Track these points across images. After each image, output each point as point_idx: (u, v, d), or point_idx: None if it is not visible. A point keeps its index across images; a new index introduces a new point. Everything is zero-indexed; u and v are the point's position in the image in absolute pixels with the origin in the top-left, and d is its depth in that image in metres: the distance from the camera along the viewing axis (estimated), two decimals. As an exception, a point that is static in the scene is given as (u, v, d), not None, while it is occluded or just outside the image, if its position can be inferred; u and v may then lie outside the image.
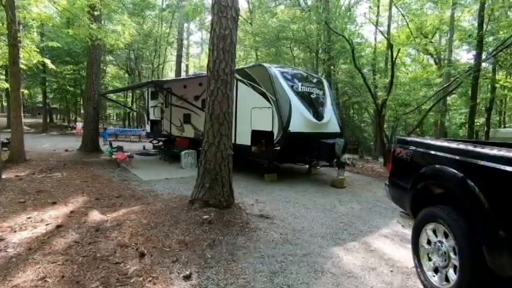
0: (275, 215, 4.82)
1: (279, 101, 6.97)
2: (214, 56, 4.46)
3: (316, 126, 7.44)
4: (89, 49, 10.52)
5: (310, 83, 7.98)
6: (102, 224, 4.00)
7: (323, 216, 4.94)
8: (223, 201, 4.42)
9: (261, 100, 7.35)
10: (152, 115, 13.32)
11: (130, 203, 5.05)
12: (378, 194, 6.72)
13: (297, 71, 8.17)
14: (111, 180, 6.93)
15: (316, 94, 7.90)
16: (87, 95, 10.63)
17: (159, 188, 6.31)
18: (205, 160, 4.47)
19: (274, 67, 7.62)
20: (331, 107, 8.24)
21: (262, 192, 6.39)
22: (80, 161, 9.28)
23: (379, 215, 5.19)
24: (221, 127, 4.46)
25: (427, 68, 22.47)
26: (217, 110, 4.45)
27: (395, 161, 3.65)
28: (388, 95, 10.64)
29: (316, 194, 6.42)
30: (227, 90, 4.49)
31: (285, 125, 6.84)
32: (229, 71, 4.50)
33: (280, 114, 6.89)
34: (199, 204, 4.32)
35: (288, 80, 7.44)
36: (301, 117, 7.14)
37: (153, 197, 5.50)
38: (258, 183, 7.26)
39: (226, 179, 4.51)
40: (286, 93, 7.16)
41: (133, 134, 16.93)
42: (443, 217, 2.66)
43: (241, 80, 8.00)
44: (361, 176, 9.09)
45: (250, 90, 7.69)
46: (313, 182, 7.60)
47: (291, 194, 6.28)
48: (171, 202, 4.96)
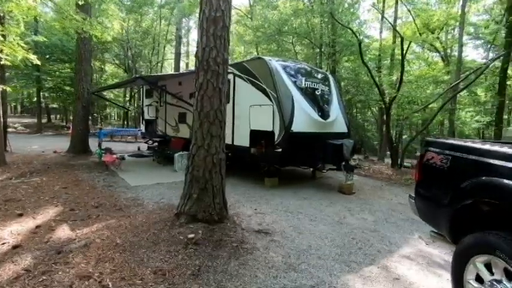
0: (276, 229, 4.12)
1: (280, 97, 6.27)
2: (204, 43, 3.77)
3: (322, 125, 6.73)
4: (77, 44, 9.86)
5: (315, 78, 7.27)
6: (67, 244, 3.32)
7: (332, 230, 4.23)
8: (214, 214, 3.73)
9: (260, 97, 6.65)
10: (147, 114, 12.66)
11: (108, 215, 4.37)
12: (391, 201, 6.00)
13: (300, 65, 7.46)
14: (95, 186, 6.26)
15: (321, 90, 7.20)
16: (76, 93, 9.96)
17: (146, 196, 5.63)
18: (192, 166, 3.78)
19: (275, 60, 6.91)
20: (337, 105, 7.52)
21: (262, 199, 5.70)
22: (66, 163, 8.61)
23: (396, 228, 4.48)
24: (211, 127, 3.76)
25: (432, 66, 21.71)
26: (207, 107, 3.75)
27: (425, 169, 2.94)
28: (397, 92, 9.90)
29: (323, 201, 5.72)
30: (219, 84, 3.79)
31: (287, 125, 6.14)
32: (222, 60, 3.80)
33: (281, 113, 6.19)
34: (185, 218, 3.63)
35: (290, 75, 6.74)
36: (304, 116, 6.44)
37: (137, 207, 4.81)
38: (257, 188, 6.57)
39: (217, 188, 3.82)
40: (288, 89, 6.46)
41: (129, 134, 16.26)
42: (505, 249, 1.95)
43: (239, 75, 7.30)
44: (369, 179, 8.37)
45: (249, 86, 6.99)
46: (318, 187, 6.89)
47: (293, 202, 5.58)
48: (155, 214, 4.27)
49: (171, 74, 9.83)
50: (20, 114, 45.50)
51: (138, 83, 9.77)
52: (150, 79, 8.38)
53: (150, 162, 9.90)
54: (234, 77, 7.43)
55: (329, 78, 7.90)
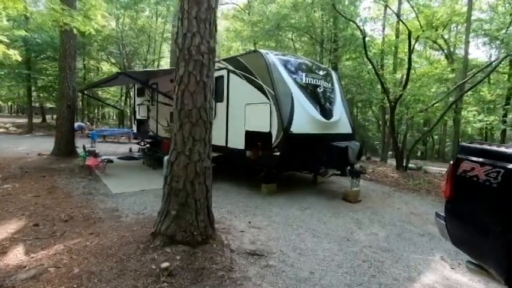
0: (272, 248, 3.49)
1: (278, 95, 5.63)
2: (185, 28, 3.13)
3: (324, 126, 6.09)
4: (61, 38, 9.20)
5: (317, 75, 6.63)
6: (13, 274, 2.68)
7: (338, 249, 3.60)
8: (197, 234, 3.09)
9: (256, 95, 6.01)
10: (138, 114, 12.02)
11: (76, 232, 3.73)
12: (403, 211, 5.36)
13: (300, 60, 6.82)
14: (71, 194, 5.61)
15: (324, 88, 6.56)
16: (60, 91, 9.31)
17: (127, 206, 4.98)
18: (171, 176, 3.15)
19: (273, 54, 6.26)
20: (341, 103, 6.88)
21: (258, 209, 5.06)
22: (46, 167, 7.96)
23: (413, 246, 3.85)
24: (194, 129, 3.13)
25: (435, 64, 21.08)
26: (189, 105, 3.12)
27: (461, 183, 2.30)
28: (403, 90, 9.27)
29: (326, 211, 5.08)
30: (203, 76, 3.15)
31: (286, 125, 5.50)
32: (207, 48, 3.16)
33: (279, 112, 5.54)
34: (161, 240, 2.99)
35: (289, 70, 6.10)
36: (305, 116, 5.80)
37: (113, 221, 4.17)
38: (253, 196, 5.93)
39: (201, 203, 3.18)
40: (287, 86, 5.82)
41: (123, 135, 15.62)
42: None
43: (233, 71, 6.66)
44: (375, 184, 7.73)
45: (244, 82, 6.35)
46: (321, 194, 6.25)
47: (293, 212, 4.94)
48: (130, 232, 3.62)
49: (157, 71, 9.21)
50: (16, 114, 44.89)
51: (123, 81, 9.07)
52: (134, 75, 7.72)
53: (140, 165, 9.26)
54: (228, 73, 6.79)
55: (332, 75, 7.26)
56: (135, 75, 7.93)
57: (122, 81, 8.90)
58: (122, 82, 10.58)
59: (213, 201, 5.52)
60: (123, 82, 10.45)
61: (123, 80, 8.22)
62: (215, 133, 7.43)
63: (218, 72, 7.14)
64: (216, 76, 7.41)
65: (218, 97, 7.14)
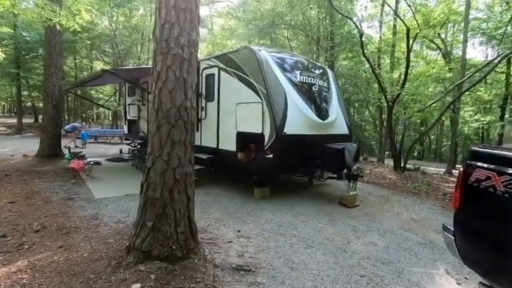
0: (261, 262, 3.17)
1: (270, 94, 5.31)
2: (162, 18, 2.80)
3: (320, 126, 5.79)
4: (46, 35, 8.81)
5: (312, 73, 6.33)
6: (-38, 298, 2.34)
7: (334, 262, 3.29)
8: (177, 248, 2.77)
9: (248, 93, 5.69)
10: (129, 114, 11.65)
11: (46, 245, 3.38)
12: (402, 216, 5.07)
13: (295, 57, 6.51)
14: (50, 199, 5.25)
15: (319, 86, 6.25)
16: (46, 90, 8.92)
17: (108, 212, 4.64)
18: (147, 184, 2.82)
19: (266, 51, 5.95)
20: (337, 103, 6.58)
21: (249, 216, 4.74)
22: (30, 169, 7.58)
23: (415, 258, 3.55)
24: (173, 130, 2.80)
25: (432, 64, 20.90)
26: (167, 104, 2.79)
27: (473, 193, 2.01)
28: (401, 89, 9.00)
29: (321, 218, 4.77)
30: (183, 72, 2.83)
31: (279, 126, 5.19)
32: (187, 41, 2.84)
33: (272, 112, 5.23)
34: (135, 257, 2.67)
35: (283, 68, 5.79)
36: (300, 116, 5.49)
37: (89, 231, 3.83)
38: (244, 200, 5.61)
39: (182, 213, 2.85)
40: (280, 84, 5.51)
41: (114, 135, 15.22)
42: None
43: (224, 69, 6.33)
44: (373, 186, 7.44)
45: (235, 81, 6.03)
46: (316, 199, 5.94)
47: (287, 219, 4.63)
48: (105, 244, 3.29)
49: (146, 68, 8.85)
50: (8, 113, 44.14)
51: (111, 79, 8.69)
52: (120, 73, 7.36)
53: (129, 167, 8.89)
54: (219, 70, 6.47)
55: (328, 73, 6.97)
56: (121, 74, 7.57)
57: (110, 79, 8.53)
58: (110, 81, 10.19)
59: (201, 207, 5.23)
60: (112, 81, 10.06)
61: (110, 78, 7.86)
62: (206, 134, 7.13)
63: (209, 70, 6.83)
64: (206, 74, 7.13)
65: (209, 96, 6.83)
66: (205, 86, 6.94)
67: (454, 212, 2.23)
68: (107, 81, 10.98)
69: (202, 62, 7.11)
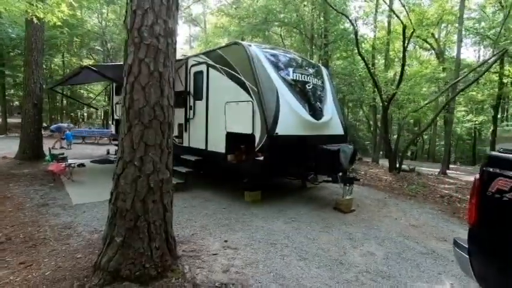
0: (249, 279, 2.84)
1: (261, 92, 4.98)
2: (134, 3, 2.45)
3: (313, 127, 5.48)
4: (27, 30, 8.35)
5: (306, 71, 6.02)
6: None
7: (329, 277, 2.98)
8: (151, 267, 2.42)
9: (238, 92, 5.36)
10: (116, 113, 11.22)
11: (4, 260, 2.99)
12: (401, 222, 4.79)
13: (288, 54, 6.18)
14: (23, 205, 4.84)
15: (313, 85, 5.95)
16: (26, 88, 8.44)
17: (84, 221, 4.26)
18: (117, 193, 2.46)
19: (257, 46, 5.62)
20: (332, 102, 6.29)
21: (238, 223, 4.41)
22: (7, 172, 7.13)
23: (417, 269, 3.26)
24: (147, 131, 2.45)
25: (425, 64, 20.86)
26: (140, 102, 2.44)
27: (493, 206, 1.70)
28: (397, 88, 8.76)
29: (316, 224, 4.46)
30: (158, 65, 2.48)
31: (271, 126, 4.86)
32: (163, 30, 2.49)
33: (263, 111, 4.90)
34: (100, 278, 2.31)
35: (275, 65, 5.46)
36: (292, 115, 5.17)
37: (59, 243, 3.45)
38: (235, 205, 5.27)
39: (157, 226, 2.51)
40: (272, 82, 5.19)
41: (102, 136, 14.72)
42: None
43: (213, 66, 5.99)
44: (369, 189, 7.17)
45: (225, 78, 5.69)
46: (310, 202, 5.64)
47: (278, 226, 4.31)
48: (72, 261, 2.92)
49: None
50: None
51: (93, 77, 8.25)
52: (101, 70, 6.92)
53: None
54: (208, 67, 6.12)
55: (322, 71, 6.67)
56: (103, 71, 7.14)
57: (93, 77, 8.08)
58: (93, 79, 9.72)
59: (187, 213, 4.88)
60: (95, 79, 9.58)
61: (92, 76, 7.42)
62: (194, 135, 6.77)
63: (197, 67, 6.48)
64: (195, 71, 6.77)
65: (197, 95, 6.48)
66: (194, 84, 6.59)
67: (468, 226, 1.93)
68: (90, 79, 10.50)
69: (191, 58, 6.75)
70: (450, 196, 7.19)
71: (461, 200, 6.93)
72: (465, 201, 6.81)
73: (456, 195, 7.58)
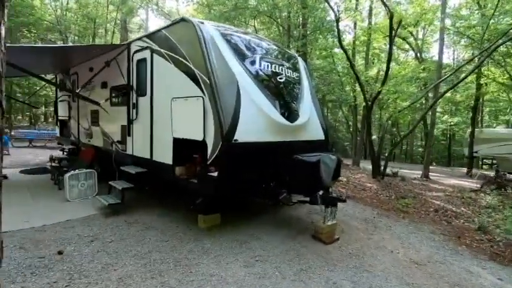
0: None
1: (216, 85, 3.69)
2: None
3: (287, 131, 4.26)
4: None
5: (278, 60, 4.78)
6: None
7: None
8: None
9: (186, 84, 4.03)
10: (60, 112, 9.53)
11: None
12: (398, 257, 3.66)
13: (255, 38, 4.91)
14: None
15: (287, 78, 4.72)
16: None
17: None
18: None
19: (212, 25, 4.30)
20: (310, 100, 5.08)
21: (178, 268, 3.10)
22: None
23: None
24: None
25: (403, 65, 20.50)
26: None
27: None
28: (382, 85, 7.76)
29: (288, 267, 3.23)
30: None
31: (228, 130, 3.57)
32: None
33: (218, 110, 3.61)
34: None
35: (236, 51, 4.18)
36: (258, 116, 3.92)
37: None
38: (182, 235, 3.96)
39: None
40: (231, 72, 3.91)
41: (51, 138, 12.81)
42: None
43: (158, 51, 4.62)
44: (354, 203, 6.06)
45: (171, 67, 4.34)
46: (282, 228, 4.40)
47: (235, 273, 3.04)
48: None
49: (54, 48, 6.89)
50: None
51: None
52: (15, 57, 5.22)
53: (47, 182, 6.84)
54: (152, 53, 4.74)
55: (299, 63, 5.46)
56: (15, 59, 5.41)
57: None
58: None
59: (111, 253, 3.40)
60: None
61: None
62: (138, 140, 5.34)
63: (140, 54, 5.06)
64: (137, 59, 5.33)
65: (140, 89, 5.07)
66: (137, 76, 5.17)
67: None
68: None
69: (133, 43, 5.32)
70: (445, 210, 6.24)
71: (458, 214, 5.99)
72: (462, 216, 5.88)
73: (450, 207, 6.66)
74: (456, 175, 15.78)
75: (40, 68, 7.97)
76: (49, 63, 7.32)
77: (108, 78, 6.16)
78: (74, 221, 4.33)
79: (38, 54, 6.13)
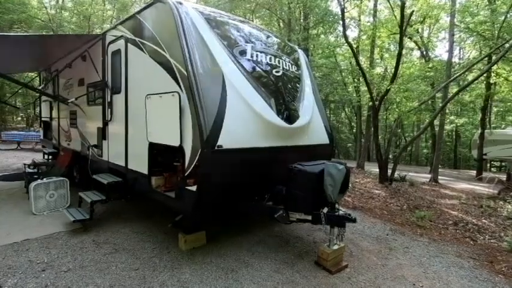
0: None
1: (195, 78, 2.98)
2: None
3: (284, 134, 3.54)
4: None
5: (274, 50, 4.07)
6: None
7: None
8: None
9: (161, 78, 3.34)
10: (42, 113, 8.88)
11: None
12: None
13: (245, 24, 4.21)
14: None
15: (284, 72, 4.00)
16: None
17: None
18: None
19: (194, 7, 3.59)
20: (312, 98, 4.36)
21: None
22: None
23: None
24: None
25: (408, 64, 19.75)
26: None
27: None
28: (392, 83, 7.03)
29: (283, 310, 2.51)
30: None
31: (210, 134, 2.86)
32: None
33: (197, 109, 2.90)
34: None
35: (223, 37, 3.48)
36: (249, 116, 3.21)
37: None
38: (158, 260, 3.25)
39: None
40: (215, 62, 3.20)
41: (39, 141, 12.18)
42: None
43: (132, 40, 3.93)
44: (362, 216, 5.32)
45: (145, 57, 3.64)
46: (279, 251, 3.68)
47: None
48: None
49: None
50: None
51: None
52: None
53: (19, 190, 6.16)
54: (126, 43, 4.05)
55: (299, 55, 4.74)
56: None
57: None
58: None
59: (64, 284, 2.69)
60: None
61: None
62: (113, 145, 4.60)
63: (115, 44, 4.37)
64: (112, 51, 4.64)
65: (115, 86, 4.38)
66: (111, 70, 4.48)
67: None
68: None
69: (108, 33, 4.64)
70: (465, 223, 5.48)
71: (481, 228, 5.23)
72: (486, 231, 5.13)
73: (469, 219, 5.90)
74: (465, 179, 15.01)
75: (21, 65, 7.36)
76: (26, 55, 6.64)
77: (85, 75, 5.49)
78: (32, 241, 3.65)
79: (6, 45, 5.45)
